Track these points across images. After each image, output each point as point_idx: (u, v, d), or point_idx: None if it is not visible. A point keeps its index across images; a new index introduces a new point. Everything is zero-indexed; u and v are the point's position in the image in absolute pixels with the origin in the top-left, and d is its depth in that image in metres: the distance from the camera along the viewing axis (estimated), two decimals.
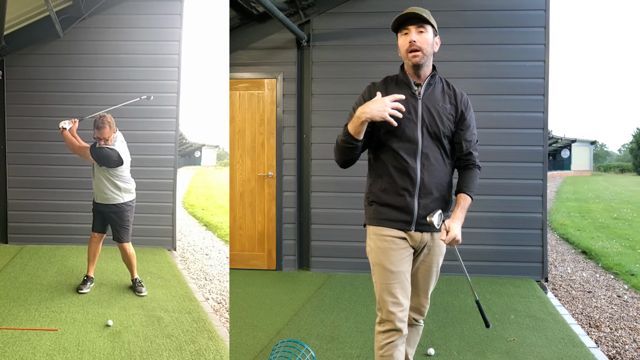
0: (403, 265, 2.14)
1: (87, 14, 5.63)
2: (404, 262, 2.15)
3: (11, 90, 5.68)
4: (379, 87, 2.21)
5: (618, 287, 5.38)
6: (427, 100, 2.17)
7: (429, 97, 2.18)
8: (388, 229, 2.15)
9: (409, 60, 2.13)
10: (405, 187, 2.13)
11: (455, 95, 2.23)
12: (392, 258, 2.12)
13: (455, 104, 2.22)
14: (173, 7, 5.81)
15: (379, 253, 2.15)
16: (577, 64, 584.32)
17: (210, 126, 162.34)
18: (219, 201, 13.43)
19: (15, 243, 5.75)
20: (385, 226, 2.16)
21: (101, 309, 3.78)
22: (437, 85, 2.22)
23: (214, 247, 7.00)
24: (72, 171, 5.58)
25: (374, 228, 2.20)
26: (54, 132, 4.75)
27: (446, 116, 2.18)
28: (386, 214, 2.16)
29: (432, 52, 2.18)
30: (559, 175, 37.93)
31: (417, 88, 2.19)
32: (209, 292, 4.75)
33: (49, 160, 5.67)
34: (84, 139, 4.13)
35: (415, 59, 2.11)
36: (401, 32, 2.17)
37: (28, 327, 3.39)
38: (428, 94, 2.19)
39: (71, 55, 5.70)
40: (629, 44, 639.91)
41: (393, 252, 2.13)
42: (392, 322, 2.11)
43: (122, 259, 4.29)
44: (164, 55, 5.79)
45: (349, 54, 5.17)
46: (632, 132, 57.95)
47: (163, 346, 3.20)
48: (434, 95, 2.19)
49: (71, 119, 4.08)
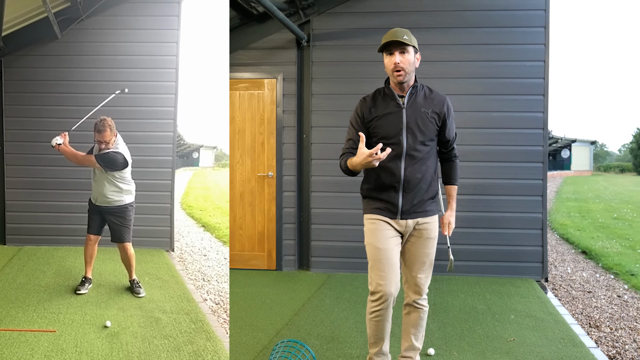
0: (389, 243, 2.51)
1: (85, 15, 5.62)
2: (389, 241, 2.51)
3: (9, 91, 5.67)
4: (369, 102, 2.58)
5: (618, 287, 5.37)
6: (411, 108, 2.52)
7: (412, 105, 2.53)
8: (377, 215, 2.55)
9: (394, 78, 2.48)
10: (391, 184, 2.52)
11: (438, 99, 2.58)
12: (379, 237, 2.51)
13: (438, 108, 2.56)
14: (171, 8, 5.80)
15: (368, 234, 2.56)
16: (577, 64, 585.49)
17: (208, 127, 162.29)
18: (217, 202, 13.43)
19: (14, 244, 5.73)
20: (375, 214, 2.56)
21: (99, 310, 3.77)
22: (419, 93, 2.56)
23: (212, 248, 6.99)
24: (70, 172, 5.56)
25: (367, 215, 2.61)
26: (52, 133, 4.72)
27: (429, 120, 2.53)
28: (376, 205, 2.57)
29: (413, 69, 2.51)
30: (559, 175, 37.96)
31: (401, 99, 2.53)
32: (207, 293, 4.74)
33: (47, 161, 5.65)
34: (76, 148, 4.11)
35: (399, 78, 2.46)
36: (386, 53, 2.49)
37: (26, 329, 3.37)
38: (411, 103, 2.53)
39: (69, 57, 5.70)
40: (629, 44, 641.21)
41: (380, 232, 2.52)
42: (379, 292, 2.46)
43: (122, 259, 4.28)
44: (161, 56, 5.79)
45: (349, 54, 5.16)
46: (632, 132, 58.05)
47: (161, 347, 3.19)
48: (417, 103, 2.54)
49: (60, 134, 4.07)
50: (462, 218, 5.08)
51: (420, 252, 2.59)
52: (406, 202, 2.51)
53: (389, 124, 2.49)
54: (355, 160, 2.35)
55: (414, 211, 2.54)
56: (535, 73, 4.99)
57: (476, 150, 5.06)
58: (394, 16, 5.12)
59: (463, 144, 5.07)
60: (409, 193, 2.51)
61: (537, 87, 4.98)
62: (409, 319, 2.72)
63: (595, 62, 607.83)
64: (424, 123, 2.51)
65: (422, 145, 2.51)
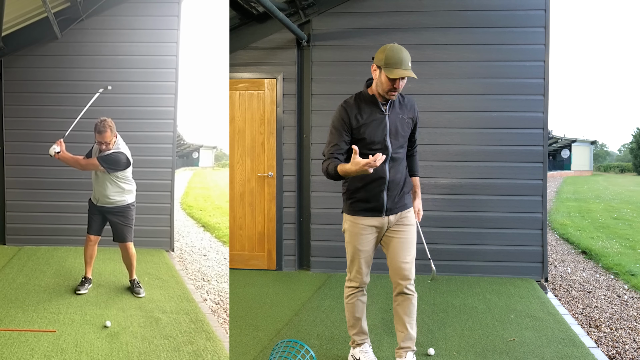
0: (368, 245, 2.84)
1: (85, 15, 5.62)
2: (368, 244, 2.84)
3: (9, 91, 5.67)
4: (354, 108, 2.71)
5: (618, 287, 5.37)
6: (392, 115, 2.76)
7: (392, 112, 2.76)
8: (362, 217, 2.80)
9: (387, 95, 2.66)
10: (377, 185, 2.74)
11: (409, 104, 2.84)
12: (361, 241, 2.82)
13: (411, 113, 2.84)
14: (170, 8, 5.80)
15: (352, 236, 2.84)
16: (577, 64, 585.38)
17: (208, 127, 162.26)
18: (217, 202, 13.43)
19: (13, 244, 5.73)
20: (360, 215, 2.80)
21: (99, 310, 3.77)
22: (396, 101, 2.78)
23: (212, 248, 6.99)
24: (70, 172, 5.53)
25: (350, 217, 2.84)
26: (52, 133, 4.73)
27: (406, 124, 2.81)
28: (361, 206, 2.79)
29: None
30: (559, 175, 37.96)
31: (384, 106, 2.73)
32: (207, 293, 4.74)
33: (47, 161, 5.57)
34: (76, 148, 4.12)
35: (392, 97, 2.68)
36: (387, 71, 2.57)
37: (26, 329, 3.37)
38: (392, 110, 2.76)
39: (69, 57, 5.70)
40: (629, 44, 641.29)
41: (362, 237, 2.82)
42: (356, 281, 2.89)
43: (123, 258, 4.28)
44: (161, 56, 5.79)
45: (349, 54, 5.16)
46: (632, 132, 57.98)
47: (161, 347, 3.19)
48: (396, 109, 2.78)
49: (56, 141, 4.05)
50: (462, 218, 5.09)
51: (404, 238, 2.84)
52: (390, 200, 2.78)
53: (375, 130, 2.69)
54: (351, 169, 2.45)
55: (395, 207, 2.81)
56: (535, 73, 4.98)
57: (476, 150, 5.06)
58: (394, 16, 5.12)
59: (463, 144, 5.09)
60: (392, 192, 2.78)
61: (537, 87, 4.98)
62: (401, 308, 2.82)
63: (596, 62, 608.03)
64: (403, 128, 2.78)
65: (401, 147, 2.79)
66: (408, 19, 5.09)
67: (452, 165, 5.09)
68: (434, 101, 5.07)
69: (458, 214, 5.09)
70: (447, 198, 5.09)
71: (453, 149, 5.08)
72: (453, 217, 5.09)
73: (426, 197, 5.12)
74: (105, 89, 4.58)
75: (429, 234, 5.11)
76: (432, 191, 5.08)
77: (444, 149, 5.08)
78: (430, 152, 5.02)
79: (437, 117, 5.07)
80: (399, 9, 5.13)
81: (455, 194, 5.08)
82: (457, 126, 5.07)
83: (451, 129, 5.05)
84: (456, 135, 5.07)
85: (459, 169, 5.08)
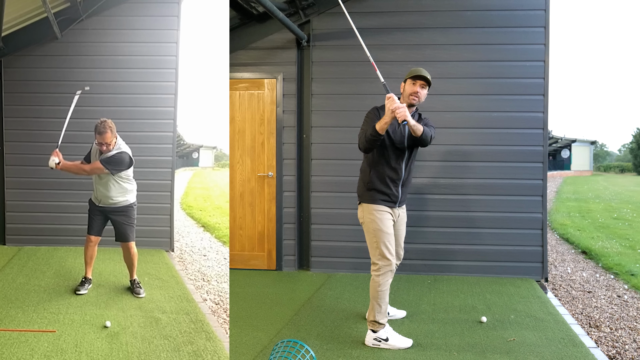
0: (391, 229, 3.35)
1: (85, 15, 5.62)
2: (391, 227, 3.36)
3: (9, 92, 5.67)
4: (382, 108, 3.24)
5: (618, 287, 5.37)
6: None
7: None
8: (382, 206, 3.34)
9: (408, 100, 3.29)
10: (395, 180, 3.35)
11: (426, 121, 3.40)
12: (386, 223, 3.33)
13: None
14: (170, 9, 5.80)
15: (377, 221, 3.31)
16: (577, 64, 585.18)
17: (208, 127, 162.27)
18: (217, 202, 13.43)
19: (13, 244, 5.73)
20: (380, 204, 3.34)
21: (99, 311, 3.77)
22: (415, 115, 3.39)
23: (211, 248, 6.99)
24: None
25: (372, 205, 3.34)
26: (51, 134, 4.74)
27: None
28: (381, 197, 3.34)
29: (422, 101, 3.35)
30: (559, 175, 37.96)
31: None
32: (206, 293, 4.74)
33: (47, 161, 5.64)
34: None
35: (413, 101, 3.28)
36: (412, 81, 3.28)
37: (26, 329, 3.37)
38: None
39: (69, 57, 5.70)
40: (629, 44, 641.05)
41: (387, 221, 3.34)
42: (389, 265, 3.28)
43: (125, 258, 4.28)
44: (161, 56, 5.79)
45: (349, 54, 5.16)
46: (632, 132, 58.00)
47: (161, 347, 3.19)
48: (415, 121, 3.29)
49: (52, 153, 4.03)
50: (462, 218, 5.09)
51: (403, 229, 3.62)
52: (402, 194, 3.41)
53: (397, 133, 3.29)
54: (384, 118, 3.05)
55: (403, 201, 3.46)
56: (535, 73, 4.98)
57: (476, 150, 5.06)
58: (394, 16, 5.12)
59: (463, 144, 5.09)
60: (405, 187, 3.41)
61: (537, 87, 4.98)
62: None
63: (595, 62, 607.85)
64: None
65: (414, 152, 3.41)
66: (408, 19, 5.09)
67: (452, 165, 5.09)
68: (434, 101, 5.05)
69: (458, 214, 5.09)
70: (447, 198, 5.09)
71: (453, 149, 5.08)
72: (453, 217, 5.09)
73: (426, 197, 5.12)
74: (83, 90, 4.50)
75: (429, 233, 5.12)
76: (432, 191, 5.08)
77: (444, 149, 5.07)
78: (430, 152, 5.01)
79: (437, 117, 5.04)
80: (399, 9, 5.13)
81: (455, 194, 5.08)
82: (457, 126, 5.06)
83: (451, 129, 5.05)
84: (456, 135, 5.06)
85: (459, 169, 5.08)
